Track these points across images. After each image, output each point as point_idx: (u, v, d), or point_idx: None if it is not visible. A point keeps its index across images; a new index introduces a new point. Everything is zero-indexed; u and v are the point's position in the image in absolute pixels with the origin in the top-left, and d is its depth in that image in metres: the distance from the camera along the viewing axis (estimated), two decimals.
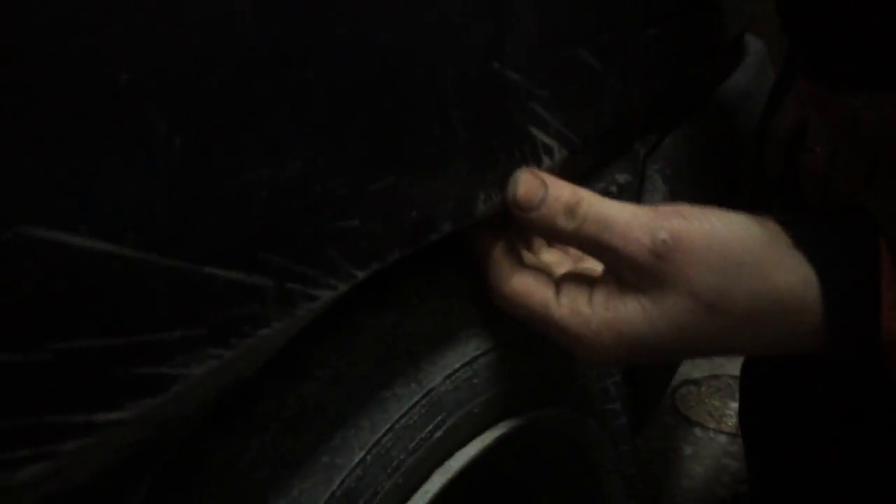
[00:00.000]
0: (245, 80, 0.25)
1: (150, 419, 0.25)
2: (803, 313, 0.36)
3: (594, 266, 0.40)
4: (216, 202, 0.25)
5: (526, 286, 0.39)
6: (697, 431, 1.42)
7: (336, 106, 0.29)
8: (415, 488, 0.39)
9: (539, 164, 0.42)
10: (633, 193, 0.54)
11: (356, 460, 0.35)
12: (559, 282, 0.39)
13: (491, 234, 0.41)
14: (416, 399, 0.38)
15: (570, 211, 0.37)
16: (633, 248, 0.36)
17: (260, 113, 0.26)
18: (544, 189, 0.37)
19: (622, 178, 0.52)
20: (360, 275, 0.31)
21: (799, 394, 0.84)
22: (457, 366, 0.41)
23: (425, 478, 0.40)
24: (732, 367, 1.56)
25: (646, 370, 0.71)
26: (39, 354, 0.21)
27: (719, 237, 0.36)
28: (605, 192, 0.52)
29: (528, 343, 0.46)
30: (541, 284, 0.39)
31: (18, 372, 0.21)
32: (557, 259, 0.44)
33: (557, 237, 0.38)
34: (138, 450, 0.26)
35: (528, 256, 0.42)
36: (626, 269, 0.37)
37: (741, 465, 1.29)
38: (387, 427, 0.37)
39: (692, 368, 1.61)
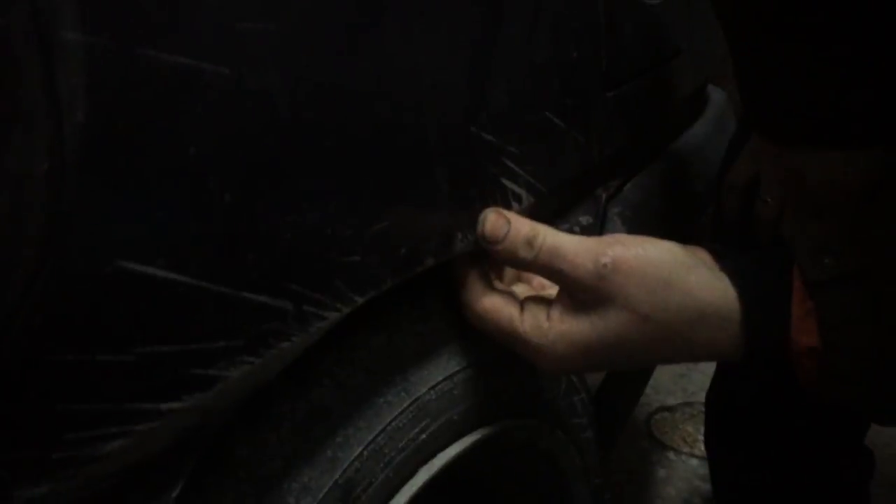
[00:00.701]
0: (277, 151, 0.33)
1: (198, 410, 0.32)
2: (725, 324, 0.42)
3: (553, 293, 0.48)
4: (252, 242, 0.33)
5: (494, 305, 0.46)
6: (671, 455, 1.49)
7: (345, 167, 0.36)
8: (403, 481, 0.46)
9: (509, 209, 0.49)
10: (595, 234, 0.61)
11: (354, 455, 0.42)
12: (523, 303, 0.46)
13: (467, 263, 0.48)
14: (404, 406, 0.45)
15: (529, 243, 0.44)
16: (580, 272, 0.43)
17: (287, 175, 0.34)
18: (507, 225, 0.45)
19: (584, 219, 0.60)
20: (360, 300, 0.39)
21: (758, 421, 0.91)
22: (439, 379, 0.48)
23: (412, 473, 0.47)
24: (705, 395, 1.63)
25: (612, 390, 0.78)
26: (125, 356, 0.28)
27: (651, 260, 0.43)
28: (570, 233, 0.59)
29: (501, 362, 0.54)
30: (507, 304, 0.46)
31: (110, 369, 0.28)
32: (524, 290, 0.51)
33: (519, 265, 0.46)
34: (187, 436, 0.33)
35: (498, 285, 0.50)
36: (576, 290, 0.44)
37: (710, 486, 1.36)
38: (380, 428, 0.44)
39: (667, 396, 1.68)
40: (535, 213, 0.54)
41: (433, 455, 0.49)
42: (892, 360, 0.40)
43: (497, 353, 0.53)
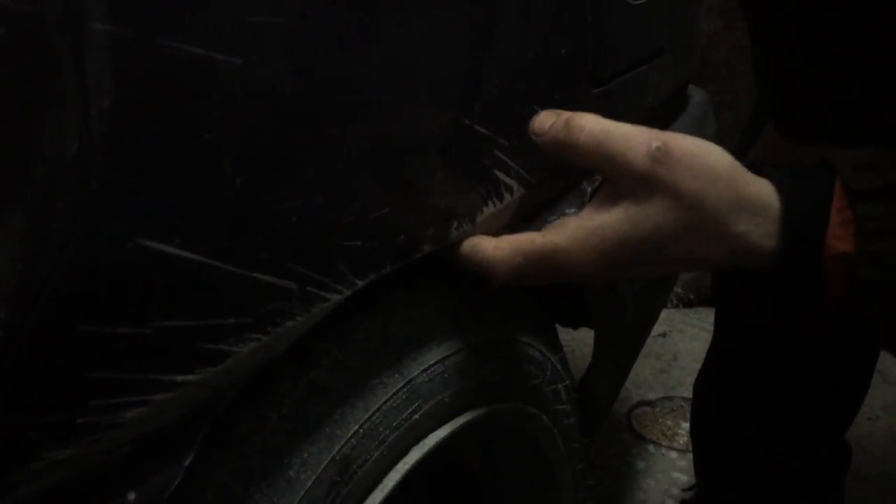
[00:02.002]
0: (284, 138, 0.35)
1: (210, 383, 0.34)
2: (762, 219, 0.42)
3: None
4: (261, 224, 0.34)
5: (511, 240, 0.45)
6: (651, 448, 1.52)
7: (346, 155, 0.38)
8: (397, 459, 0.48)
9: (501, 200, 0.52)
10: None
11: (351, 433, 0.44)
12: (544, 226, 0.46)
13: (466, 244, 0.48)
14: (398, 387, 0.47)
15: (577, 127, 0.44)
16: (631, 155, 0.42)
17: (294, 161, 0.35)
18: (555, 116, 0.45)
19: (570, 210, 0.62)
20: (360, 283, 0.41)
21: (744, 412, 0.94)
22: (432, 362, 0.50)
23: (405, 451, 0.49)
24: (685, 389, 1.67)
25: (595, 380, 0.81)
26: (144, 329, 0.30)
27: (701, 151, 0.42)
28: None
29: (491, 348, 0.56)
30: (522, 234, 0.45)
31: (130, 341, 0.30)
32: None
33: (570, 155, 0.45)
34: (198, 408, 0.35)
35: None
36: (623, 176, 0.42)
37: (689, 477, 1.39)
38: (375, 408, 0.46)
39: (648, 391, 1.71)
40: (524, 204, 0.56)
41: (425, 435, 0.51)
42: None
43: (487, 337, 0.55)
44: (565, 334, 0.82)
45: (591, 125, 0.44)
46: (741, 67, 2.15)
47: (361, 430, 0.45)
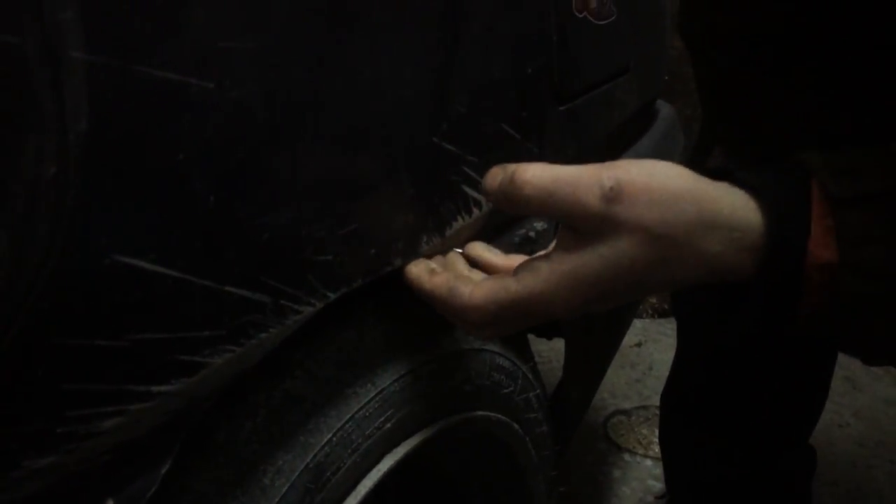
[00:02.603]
0: (254, 157, 0.36)
1: (185, 393, 0.35)
2: (738, 234, 0.40)
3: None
4: (234, 240, 0.36)
5: (486, 289, 0.43)
6: (626, 457, 1.54)
7: (316, 172, 0.40)
8: (370, 467, 0.49)
9: (470, 215, 0.53)
10: (549, 239, 0.66)
11: (324, 441, 0.45)
12: (516, 271, 0.43)
13: (438, 276, 0.46)
14: (371, 396, 0.49)
15: (523, 182, 0.41)
16: (586, 199, 0.40)
17: (264, 179, 0.37)
18: (502, 171, 0.43)
19: (539, 225, 0.64)
20: (332, 296, 0.42)
21: (711, 419, 0.96)
22: (403, 372, 0.52)
23: (378, 459, 0.50)
24: (659, 398, 1.69)
25: (567, 389, 0.83)
26: (120, 342, 0.31)
27: (657, 176, 0.40)
28: (525, 238, 0.64)
29: (462, 357, 0.57)
30: (496, 281, 0.43)
31: (107, 353, 0.31)
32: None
33: (522, 208, 0.43)
34: (175, 418, 0.36)
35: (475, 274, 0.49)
36: (581, 220, 0.40)
37: (663, 485, 1.41)
38: (348, 417, 0.47)
39: (623, 400, 1.73)
40: (493, 219, 0.58)
41: (397, 443, 0.52)
42: None
43: (457, 348, 0.57)
44: (544, 346, 0.83)
45: (537, 177, 0.41)
46: None
47: (335, 439, 0.46)
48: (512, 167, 0.42)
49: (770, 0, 0.61)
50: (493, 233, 0.61)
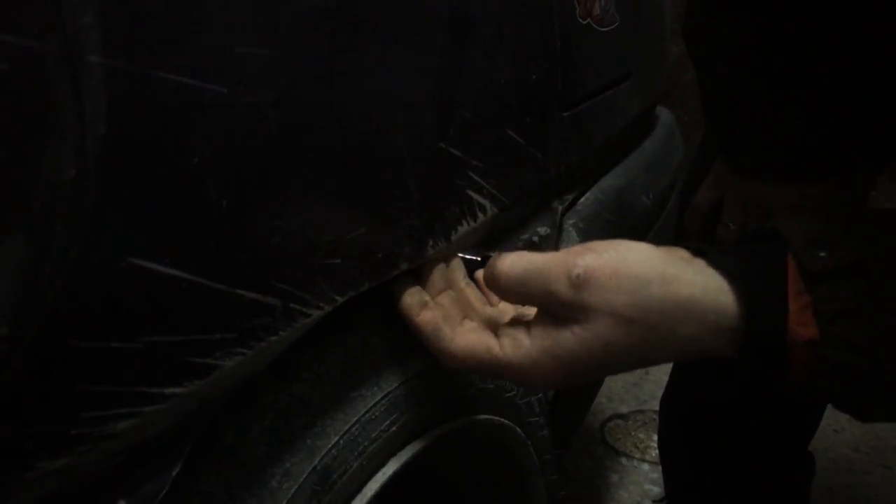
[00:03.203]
0: (266, 162, 0.37)
1: (196, 395, 0.35)
2: (714, 316, 0.40)
3: (531, 311, 0.47)
4: (246, 244, 0.36)
5: (468, 341, 0.45)
6: (623, 461, 1.55)
7: (326, 178, 0.40)
8: (375, 469, 0.50)
9: (475, 219, 0.54)
10: (552, 243, 0.66)
11: (331, 444, 0.46)
12: (498, 329, 0.46)
13: (428, 312, 0.47)
14: (377, 399, 0.49)
15: (499, 274, 0.44)
16: (555, 288, 0.42)
17: (275, 184, 0.37)
18: (491, 270, 0.45)
19: (542, 230, 0.65)
20: (340, 300, 0.43)
21: (709, 424, 0.97)
22: (409, 375, 0.52)
23: (384, 462, 0.50)
24: (656, 402, 1.69)
25: (567, 393, 0.83)
26: (135, 344, 0.32)
27: (625, 261, 0.41)
28: (529, 242, 0.64)
29: None
30: (480, 336, 0.45)
31: (122, 355, 0.31)
32: (499, 311, 0.51)
33: (504, 297, 0.46)
34: (186, 420, 0.36)
35: (467, 323, 0.49)
36: (555, 306, 0.42)
37: (661, 489, 1.41)
38: (355, 419, 0.47)
39: (620, 404, 1.74)
40: (497, 224, 0.58)
41: (402, 446, 0.52)
42: (890, 354, 0.39)
43: None
44: None
45: (508, 269, 0.44)
46: None
47: (341, 442, 0.46)
48: (493, 260, 0.45)
49: (772, 11, 0.61)
50: (498, 237, 0.61)
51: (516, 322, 0.46)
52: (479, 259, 0.55)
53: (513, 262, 0.44)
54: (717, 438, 0.95)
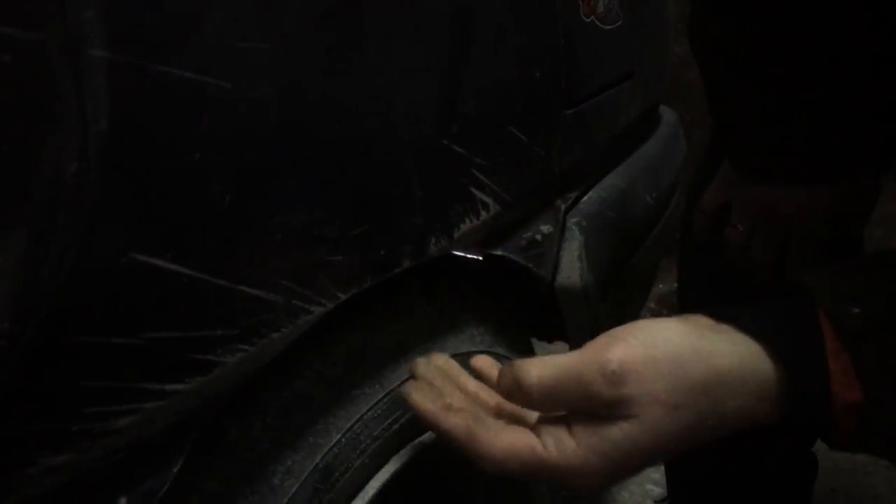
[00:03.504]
0: (269, 157, 0.36)
1: (198, 392, 0.35)
2: (753, 387, 0.39)
3: None
4: (248, 240, 0.36)
5: (508, 442, 0.41)
6: None
7: (328, 174, 0.40)
8: (377, 468, 0.49)
9: (478, 217, 0.54)
10: (555, 241, 0.66)
11: (333, 441, 0.46)
12: (536, 426, 0.42)
13: (456, 416, 0.44)
14: (379, 397, 0.49)
15: (527, 386, 0.40)
16: (593, 389, 0.39)
17: (278, 180, 0.37)
18: (508, 376, 0.42)
19: (545, 228, 0.64)
20: (343, 297, 0.42)
21: None
22: (411, 373, 0.52)
23: (385, 460, 0.50)
24: None
25: None
26: (136, 340, 0.32)
27: (656, 345, 0.39)
28: (532, 241, 0.64)
29: (468, 359, 0.57)
30: (519, 435, 0.41)
31: (123, 351, 0.31)
32: (520, 408, 0.46)
33: (533, 407, 0.42)
34: (187, 417, 0.36)
35: (498, 410, 0.46)
36: (597, 408, 0.39)
37: (663, 489, 1.41)
38: (357, 417, 0.47)
39: None
40: (499, 222, 0.58)
41: (404, 444, 0.52)
42: None
43: (464, 350, 0.57)
44: (545, 349, 0.83)
45: (540, 379, 0.40)
46: None
47: (343, 439, 0.46)
48: (514, 371, 0.41)
49: (776, 15, 0.61)
50: (499, 236, 0.61)
51: (552, 420, 0.42)
52: (479, 259, 0.55)
53: (541, 373, 0.40)
54: (720, 439, 0.95)
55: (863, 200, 0.69)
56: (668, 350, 0.40)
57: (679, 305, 0.93)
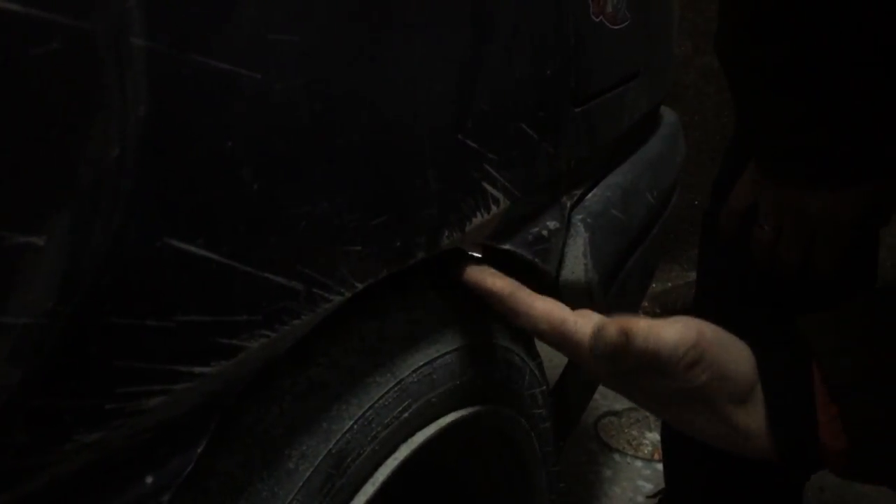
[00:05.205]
0: (296, 147, 0.37)
1: (223, 375, 0.36)
2: (758, 443, 0.44)
3: None
4: (274, 228, 0.37)
5: (548, 308, 0.49)
6: (617, 457, 1.56)
7: (352, 165, 0.41)
8: (387, 455, 0.50)
9: (489, 211, 0.54)
10: (560, 237, 0.67)
11: (346, 428, 0.46)
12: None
13: (501, 280, 0.52)
14: (390, 386, 0.50)
15: (642, 353, 0.44)
16: (680, 364, 0.43)
17: (303, 170, 0.38)
18: (613, 328, 0.44)
19: (552, 224, 0.65)
20: (360, 286, 0.43)
21: None
22: (421, 363, 0.53)
23: (395, 448, 0.51)
24: None
25: (568, 386, 0.84)
26: (168, 323, 0.32)
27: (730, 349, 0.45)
28: (539, 236, 0.65)
29: (475, 352, 0.58)
30: (559, 306, 0.49)
31: (155, 333, 0.32)
32: None
33: (623, 360, 0.45)
34: (209, 400, 0.37)
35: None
36: (661, 370, 0.44)
37: (654, 485, 1.43)
38: (369, 405, 0.48)
39: (614, 401, 1.75)
40: (509, 216, 0.59)
41: (413, 433, 0.53)
42: None
43: (471, 342, 0.58)
44: (545, 346, 0.84)
45: (643, 337, 0.44)
46: (709, 89, 2.21)
47: (356, 426, 0.47)
48: (621, 324, 0.44)
49: (805, 30, 0.63)
50: (507, 230, 0.62)
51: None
52: (479, 256, 0.56)
53: (647, 331, 0.44)
54: None
55: (886, 199, 0.70)
56: (737, 366, 0.45)
57: (696, 301, 0.95)
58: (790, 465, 0.44)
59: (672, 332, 0.43)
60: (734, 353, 0.45)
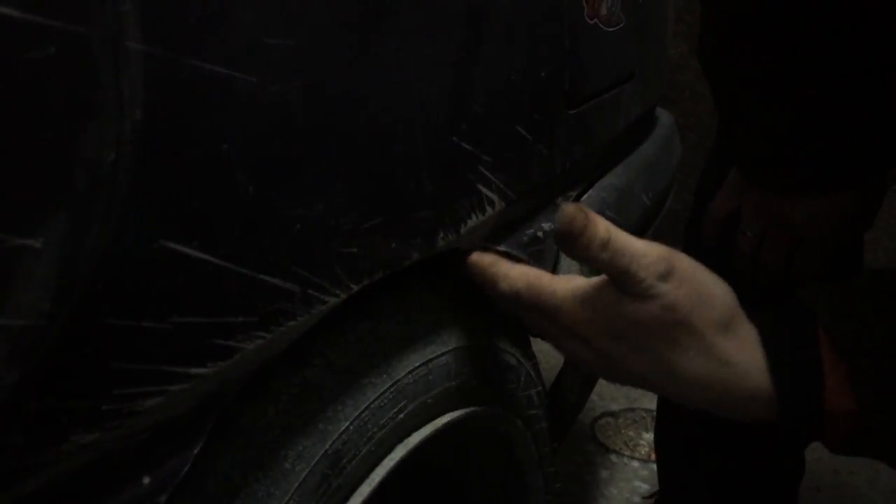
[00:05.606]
0: (291, 150, 0.38)
1: (219, 376, 0.36)
2: (754, 390, 0.44)
3: None
4: (269, 230, 0.37)
5: (526, 269, 0.51)
6: (613, 458, 1.56)
7: (346, 167, 0.41)
8: (383, 455, 0.51)
9: (484, 213, 0.55)
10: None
11: (342, 428, 0.47)
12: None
13: (486, 256, 0.55)
14: (385, 387, 0.50)
15: (604, 245, 0.44)
16: (647, 273, 0.44)
17: (299, 173, 0.38)
18: (586, 222, 0.45)
19: (547, 226, 0.66)
20: (355, 287, 0.43)
21: (706, 425, 0.98)
22: (417, 364, 0.53)
23: (391, 448, 0.51)
24: (647, 401, 1.71)
25: (564, 387, 0.84)
26: (164, 324, 0.33)
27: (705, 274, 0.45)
28: (533, 237, 0.65)
29: (471, 353, 0.59)
30: (538, 269, 0.51)
31: (151, 335, 0.32)
32: None
33: (589, 262, 0.46)
34: (205, 401, 0.37)
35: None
36: (632, 286, 0.44)
37: (650, 486, 1.43)
38: (364, 406, 0.48)
39: (611, 402, 1.75)
40: (504, 218, 0.59)
41: (409, 434, 0.53)
42: None
43: (467, 343, 0.58)
44: (542, 346, 0.85)
45: (614, 244, 0.45)
46: (704, 91, 2.22)
47: (352, 427, 0.47)
48: (598, 225, 0.45)
49: (784, 37, 0.63)
50: (503, 232, 0.62)
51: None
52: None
53: (616, 238, 0.45)
54: (711, 438, 0.97)
55: (870, 203, 0.71)
56: (709, 290, 0.45)
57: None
58: (789, 421, 0.43)
59: (641, 242, 0.45)
60: (709, 277, 0.46)
